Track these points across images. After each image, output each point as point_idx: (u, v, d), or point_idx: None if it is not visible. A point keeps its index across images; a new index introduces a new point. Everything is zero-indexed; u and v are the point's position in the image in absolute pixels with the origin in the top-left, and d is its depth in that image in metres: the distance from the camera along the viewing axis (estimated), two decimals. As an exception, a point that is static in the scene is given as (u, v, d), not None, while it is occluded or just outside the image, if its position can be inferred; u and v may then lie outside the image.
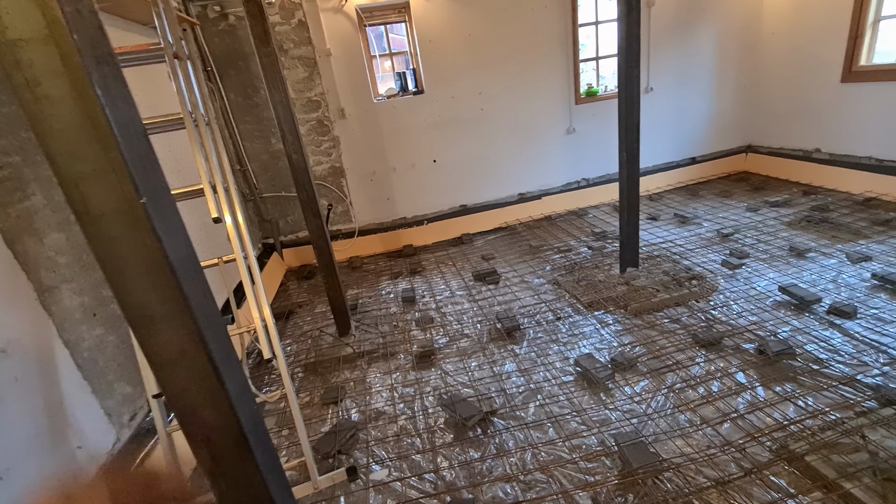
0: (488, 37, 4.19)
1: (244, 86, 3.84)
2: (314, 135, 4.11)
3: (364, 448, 2.11)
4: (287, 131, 2.49)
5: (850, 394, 1.97)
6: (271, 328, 1.69)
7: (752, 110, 5.11)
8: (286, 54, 3.80)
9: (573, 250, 3.94)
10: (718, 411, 2.02)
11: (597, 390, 2.26)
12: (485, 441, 2.06)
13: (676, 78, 4.81)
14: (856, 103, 4.07)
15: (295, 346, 3.10)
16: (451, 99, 4.29)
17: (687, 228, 4.02)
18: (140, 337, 0.76)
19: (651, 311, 2.85)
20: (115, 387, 1.87)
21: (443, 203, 4.69)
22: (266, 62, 2.32)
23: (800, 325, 2.49)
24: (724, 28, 4.74)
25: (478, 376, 2.51)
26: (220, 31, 3.67)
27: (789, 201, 4.25)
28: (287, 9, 3.68)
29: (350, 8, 3.81)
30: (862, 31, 3.89)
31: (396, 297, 3.58)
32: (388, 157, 4.37)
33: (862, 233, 3.39)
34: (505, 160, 4.67)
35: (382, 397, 2.45)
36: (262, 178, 4.13)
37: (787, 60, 4.62)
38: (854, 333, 2.34)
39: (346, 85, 4.02)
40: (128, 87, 0.69)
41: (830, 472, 1.64)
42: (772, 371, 2.19)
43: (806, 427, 1.85)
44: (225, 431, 0.86)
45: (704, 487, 1.69)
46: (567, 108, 4.64)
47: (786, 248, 3.35)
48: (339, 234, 4.50)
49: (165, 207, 0.74)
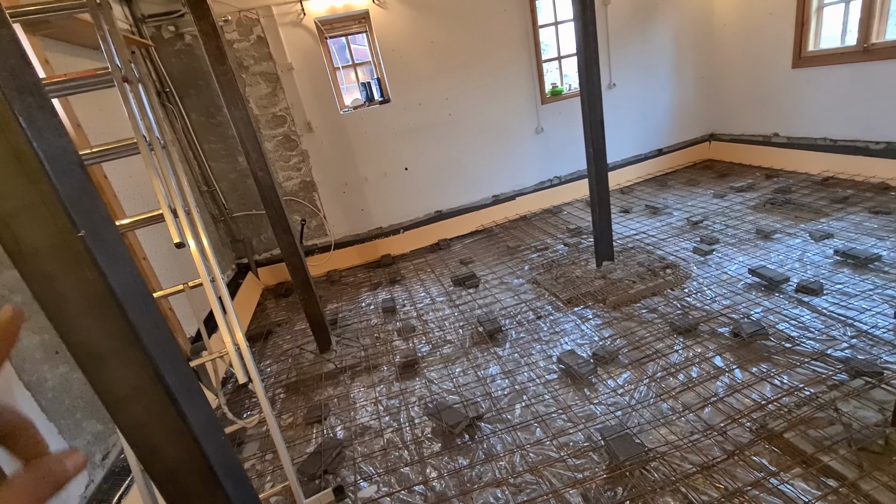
0: (450, 42, 4.21)
1: (206, 105, 3.76)
2: (282, 150, 4.06)
3: (351, 465, 2.07)
4: (250, 149, 2.44)
5: (822, 368, 2.03)
6: (245, 351, 1.65)
7: (712, 100, 5.27)
8: (247, 71, 3.74)
9: (550, 248, 3.97)
10: (699, 396, 2.05)
11: (581, 386, 2.27)
12: (473, 447, 2.05)
13: (638, 73, 4.92)
14: (807, 88, 4.23)
15: (275, 366, 3.03)
16: (418, 106, 4.30)
17: (658, 219, 4.10)
18: (89, 375, 0.72)
19: (629, 302, 2.89)
20: (85, 426, 1.80)
21: (418, 210, 4.67)
22: (223, 80, 2.27)
23: (771, 305, 2.55)
24: (679, 22, 4.88)
25: (462, 382, 2.49)
26: (177, 50, 3.59)
27: (753, 186, 4.38)
28: (245, 25, 3.63)
29: (309, 21, 3.78)
30: (807, 17, 4.05)
31: (377, 308, 3.55)
32: (360, 168, 4.34)
33: (822, 211, 3.51)
34: (477, 163, 4.69)
35: (367, 411, 2.41)
36: (231, 197, 4.05)
37: (741, 50, 4.78)
38: (822, 309, 2.41)
39: (310, 98, 3.98)
40: (58, 116, 0.66)
41: (808, 446, 1.68)
42: (747, 353, 2.24)
43: (783, 405, 1.90)
44: (190, 468, 0.82)
45: (690, 473, 1.71)
46: (534, 108, 4.69)
47: (753, 231, 3.44)
48: (314, 249, 4.44)
49: (108, 239, 0.71)
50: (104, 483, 1.77)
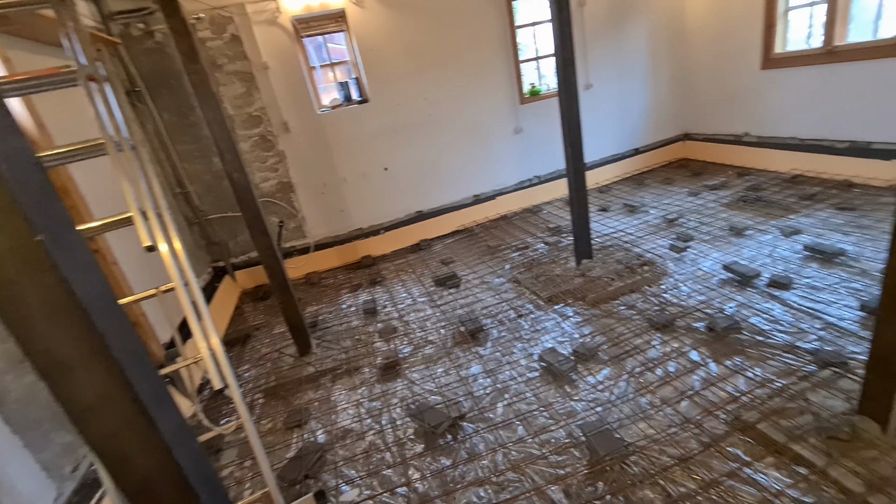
0: (429, 42, 4.21)
1: (179, 105, 3.67)
2: (258, 151, 3.98)
3: (332, 469, 2.05)
4: (225, 150, 2.39)
5: (792, 360, 2.10)
6: (220, 356, 1.61)
7: (685, 100, 5.39)
8: (221, 70, 3.66)
9: (530, 247, 4.00)
10: (676, 391, 2.09)
11: (562, 383, 2.29)
12: (455, 447, 2.05)
13: (614, 73, 5.00)
14: (775, 88, 4.36)
15: (254, 370, 2.97)
16: (396, 106, 4.27)
17: (636, 217, 4.18)
18: (53, 386, 0.69)
19: (608, 299, 2.93)
20: (53, 437, 1.73)
21: (398, 210, 4.65)
22: (196, 80, 2.22)
23: (743, 299, 2.63)
24: (653, 24, 4.98)
25: (444, 382, 2.49)
26: (148, 49, 3.49)
27: (726, 184, 4.49)
28: (218, 23, 3.55)
29: (285, 20, 3.73)
30: (774, 20, 4.18)
31: (357, 310, 3.51)
32: (338, 169, 4.29)
33: (792, 208, 3.63)
34: (457, 163, 4.69)
35: (349, 414, 2.39)
36: (206, 199, 3.96)
37: (712, 51, 4.91)
38: (791, 303, 2.49)
39: (287, 98, 3.92)
40: (11, 115, 0.63)
41: (780, 436, 1.73)
42: (722, 346, 2.30)
43: (756, 397, 1.95)
44: (163, 478, 0.80)
45: (668, 466, 1.74)
46: (513, 108, 4.72)
47: (726, 228, 3.53)
48: (293, 251, 4.37)
49: (70, 243, 0.68)
50: (74, 496, 1.71)
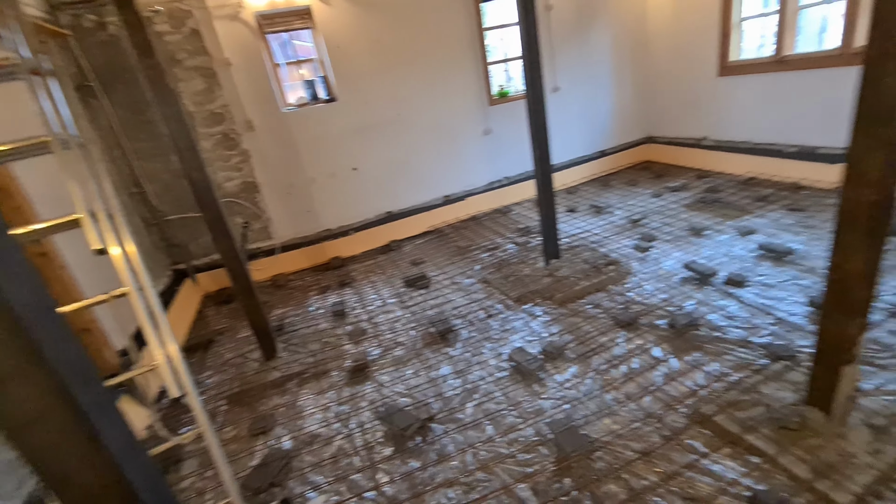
0: (397, 42, 4.18)
1: (135, 101, 3.50)
2: (220, 149, 3.85)
3: (299, 476, 2.00)
4: (184, 148, 2.30)
5: (747, 354, 2.19)
6: (178, 363, 1.55)
7: (648, 104, 5.57)
8: (180, 65, 3.52)
9: (500, 248, 4.03)
10: (639, 386, 2.15)
11: (530, 382, 2.32)
12: (425, 448, 2.04)
13: (581, 77, 5.11)
14: (731, 94, 4.56)
15: (217, 377, 2.88)
16: (365, 105, 4.23)
17: (602, 217, 4.28)
18: (-16, 401, 0.64)
19: (575, 299, 2.99)
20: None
21: (368, 211, 4.60)
22: (151, 75, 2.12)
23: (702, 297, 2.73)
24: (617, 30, 5.12)
25: (414, 384, 2.48)
26: (101, 42, 3.32)
27: (686, 185, 4.66)
28: (177, 17, 3.42)
29: (248, 15, 3.62)
30: (729, 30, 4.37)
31: (326, 312, 3.45)
32: (306, 168, 4.21)
33: (747, 209, 3.80)
34: (427, 164, 4.68)
35: (316, 419, 2.34)
36: (164, 199, 3.80)
37: (672, 58, 5.09)
38: (746, 300, 2.61)
39: (250, 95, 3.81)
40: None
41: (736, 428, 1.81)
42: (682, 342, 2.38)
43: (713, 390, 2.03)
44: (111, 495, 0.76)
45: (632, 460, 1.79)
46: (482, 109, 4.75)
47: (686, 228, 3.66)
48: (259, 252, 4.25)
49: (2, 248, 0.64)
50: (18, 516, 1.60)
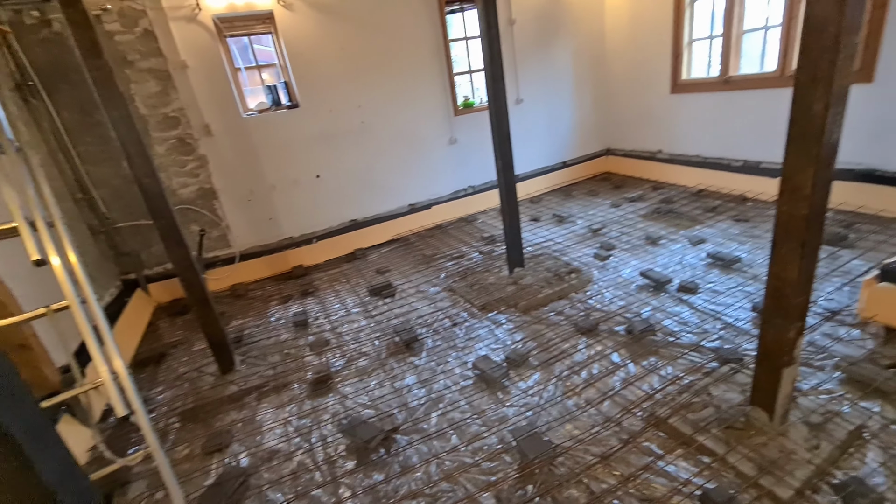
0: (362, 50, 4.17)
1: (81, 102, 3.32)
2: (176, 154, 3.71)
3: (257, 494, 1.93)
4: (134, 153, 2.19)
5: (698, 358, 2.29)
6: (124, 380, 1.46)
7: (607, 118, 5.78)
8: (132, 66, 3.37)
9: (465, 256, 4.06)
10: (599, 391, 2.21)
11: (494, 390, 2.34)
12: (389, 461, 2.01)
13: (543, 90, 5.25)
14: (682, 111, 4.81)
15: (169, 392, 2.74)
16: (329, 112, 4.18)
17: (564, 227, 4.39)
18: None
19: (538, 306, 3.05)
20: None
21: (332, 219, 4.54)
22: (98, 76, 2.02)
23: (658, 303, 2.84)
24: (577, 45, 5.31)
25: (378, 395, 2.45)
26: (43, 39, 3.14)
27: (643, 196, 4.86)
28: (129, 16, 3.28)
29: (206, 17, 3.52)
30: (681, 50, 4.62)
31: (287, 323, 3.36)
32: (267, 175, 4.11)
33: (697, 219, 4.00)
34: (392, 172, 4.67)
35: (276, 434, 2.26)
36: (114, 205, 3.61)
37: (629, 74, 5.32)
38: (697, 306, 2.73)
39: (208, 99, 3.70)
40: None
41: (688, 429, 1.88)
42: (639, 348, 2.46)
43: (668, 393, 2.11)
44: (42, 523, 0.70)
45: (592, 464, 1.83)
46: (447, 119, 4.80)
47: (643, 237, 3.81)
48: (217, 261, 4.10)
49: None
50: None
